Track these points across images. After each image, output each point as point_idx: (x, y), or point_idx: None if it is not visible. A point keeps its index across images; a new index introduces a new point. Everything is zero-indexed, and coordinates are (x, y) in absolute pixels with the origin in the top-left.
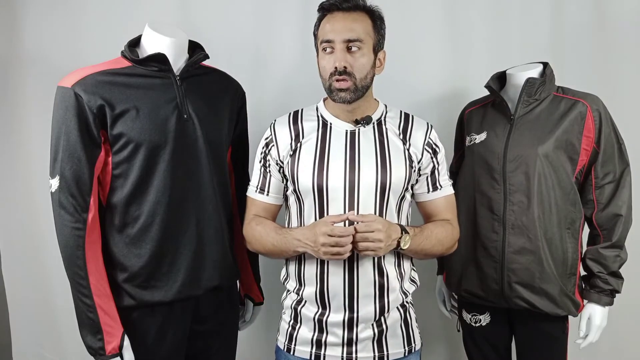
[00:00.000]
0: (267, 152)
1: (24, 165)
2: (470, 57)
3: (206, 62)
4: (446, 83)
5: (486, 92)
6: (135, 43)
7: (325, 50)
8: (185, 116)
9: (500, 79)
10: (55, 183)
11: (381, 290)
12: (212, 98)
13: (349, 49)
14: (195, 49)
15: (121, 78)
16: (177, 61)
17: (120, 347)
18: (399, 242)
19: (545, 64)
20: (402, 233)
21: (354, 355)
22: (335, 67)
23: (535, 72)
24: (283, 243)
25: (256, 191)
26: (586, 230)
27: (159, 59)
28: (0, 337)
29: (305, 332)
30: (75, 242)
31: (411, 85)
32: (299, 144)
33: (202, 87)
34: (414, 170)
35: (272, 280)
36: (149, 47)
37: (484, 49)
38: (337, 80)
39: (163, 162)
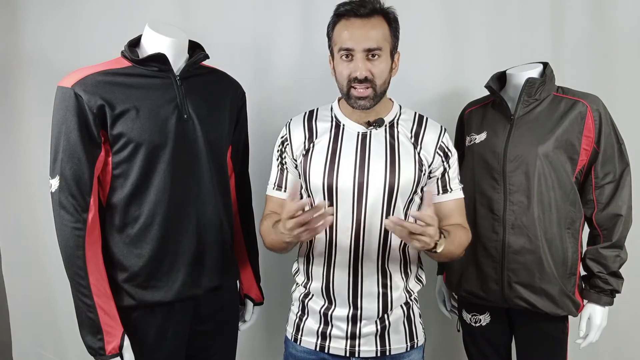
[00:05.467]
0: (283, 149)
1: (24, 165)
2: (470, 57)
3: (206, 62)
4: (446, 83)
5: (486, 92)
6: (135, 43)
7: (344, 58)
8: (185, 116)
9: (500, 79)
10: (55, 183)
11: (384, 289)
12: (212, 98)
13: (368, 57)
14: (195, 49)
15: (121, 78)
16: (177, 61)
17: (120, 347)
18: (436, 244)
19: (545, 64)
20: (440, 236)
21: (357, 348)
22: (356, 77)
23: (535, 72)
24: (277, 236)
25: (274, 188)
26: (586, 230)
27: (159, 59)
28: (0, 337)
29: (312, 323)
30: (75, 242)
31: (411, 85)
32: (312, 145)
33: (202, 87)
34: (424, 174)
35: (272, 280)
36: (149, 47)
37: (484, 49)
38: (356, 88)
39: (163, 162)
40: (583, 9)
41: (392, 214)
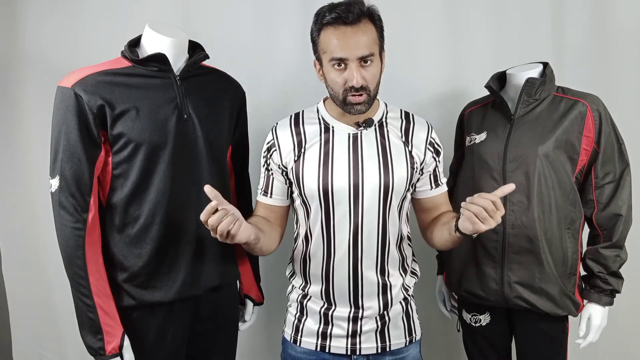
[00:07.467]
0: (269, 156)
1: (24, 165)
2: (470, 57)
3: (206, 62)
4: (446, 83)
5: (486, 92)
6: (135, 43)
7: (336, 67)
8: (185, 116)
9: (500, 79)
10: (55, 183)
11: (384, 288)
12: (212, 98)
13: (361, 64)
14: (195, 49)
15: (121, 78)
16: (177, 61)
17: (120, 347)
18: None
19: (545, 64)
20: None
21: (358, 345)
22: (352, 86)
23: (535, 72)
24: None
25: (261, 193)
26: (586, 230)
27: (159, 59)
28: (0, 337)
29: (311, 324)
30: (76, 242)
31: (411, 85)
32: (302, 150)
33: (202, 87)
34: (416, 171)
35: (272, 280)
36: (149, 47)
37: (484, 49)
38: (354, 95)
39: (163, 162)
40: (583, 9)
41: (388, 213)
